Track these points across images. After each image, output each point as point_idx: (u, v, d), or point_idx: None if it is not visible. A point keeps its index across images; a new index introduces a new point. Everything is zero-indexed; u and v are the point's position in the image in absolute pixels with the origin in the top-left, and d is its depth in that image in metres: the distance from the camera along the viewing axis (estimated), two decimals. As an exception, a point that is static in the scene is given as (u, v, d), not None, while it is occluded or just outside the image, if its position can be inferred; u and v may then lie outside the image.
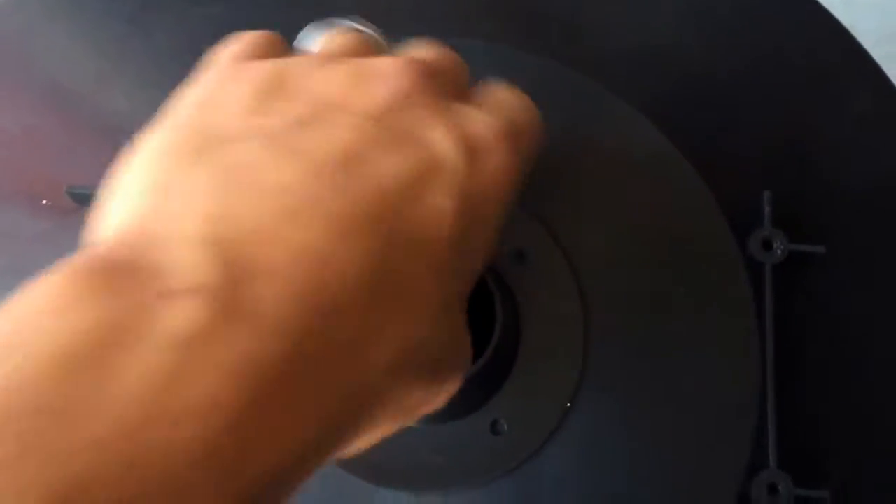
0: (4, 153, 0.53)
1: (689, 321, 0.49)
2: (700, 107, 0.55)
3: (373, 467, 0.45)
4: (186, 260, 0.24)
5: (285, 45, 0.36)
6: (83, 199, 0.50)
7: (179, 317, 0.22)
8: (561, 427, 0.47)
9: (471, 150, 0.30)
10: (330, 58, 0.33)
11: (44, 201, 0.51)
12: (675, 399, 0.48)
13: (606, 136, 0.51)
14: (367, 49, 0.35)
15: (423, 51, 0.34)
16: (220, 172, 0.27)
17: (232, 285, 0.23)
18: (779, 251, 0.51)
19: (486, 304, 0.45)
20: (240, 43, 0.34)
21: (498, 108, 0.33)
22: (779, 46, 0.57)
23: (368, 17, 0.40)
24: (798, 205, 0.53)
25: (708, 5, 0.57)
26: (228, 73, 0.32)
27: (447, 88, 0.33)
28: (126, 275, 0.23)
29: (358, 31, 0.36)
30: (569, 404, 0.47)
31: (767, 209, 0.51)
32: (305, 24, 0.54)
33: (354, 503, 0.45)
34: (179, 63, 0.55)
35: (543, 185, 0.50)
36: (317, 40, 0.36)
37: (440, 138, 0.29)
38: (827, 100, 0.57)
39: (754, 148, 0.55)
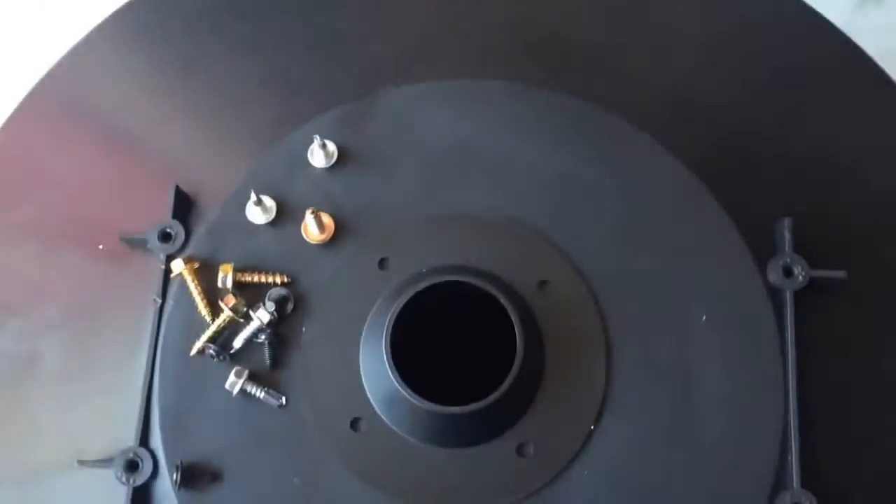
0: (62, 200, 0.58)
1: (712, 347, 0.50)
2: (718, 134, 0.56)
3: (402, 489, 0.48)
4: None
5: None
6: (136, 243, 0.54)
7: None
8: (585, 449, 0.48)
9: None
10: None
11: (100, 246, 0.55)
12: (697, 422, 0.49)
13: (626, 166, 0.53)
14: None
15: None
16: None
17: None
18: (800, 277, 0.51)
19: (510, 331, 0.47)
20: None
21: None
22: (799, 72, 0.59)
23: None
24: (818, 230, 0.54)
25: (727, 34, 0.59)
26: None
27: None
28: None
29: None
30: (592, 427, 0.49)
31: (787, 236, 0.52)
32: (335, 71, 0.58)
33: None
34: (224, 110, 0.60)
35: (560, 213, 0.52)
36: None
37: None
38: (847, 124, 0.58)
39: (774, 174, 0.56)
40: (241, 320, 0.50)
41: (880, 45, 0.62)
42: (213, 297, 0.51)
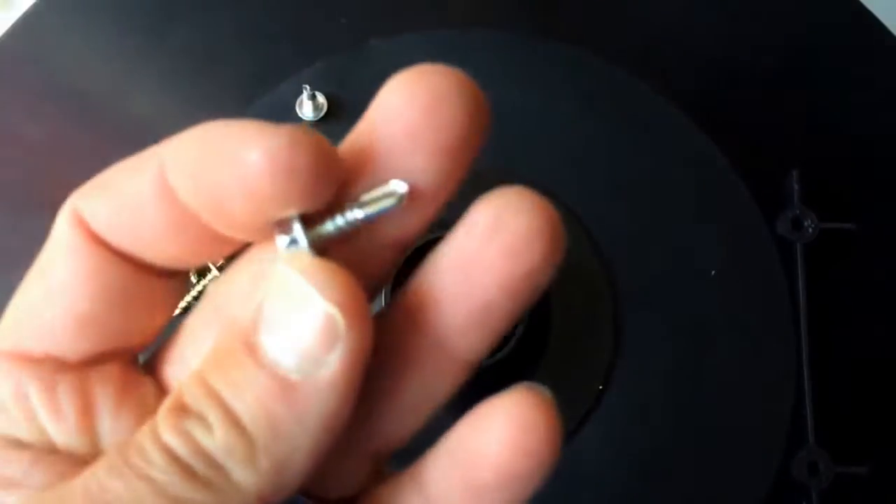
0: (31, 163, 0.54)
1: (722, 303, 0.49)
2: (723, 86, 0.54)
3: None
4: None
5: None
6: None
7: None
8: (595, 409, 0.46)
9: None
10: None
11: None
12: (709, 379, 0.47)
13: (627, 119, 0.51)
14: None
15: None
16: None
17: None
18: (809, 230, 0.50)
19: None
20: None
21: None
22: (802, 23, 0.57)
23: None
24: (827, 181, 0.52)
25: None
26: None
27: None
28: None
29: None
30: (601, 386, 0.47)
31: (796, 188, 0.51)
32: (316, 24, 0.55)
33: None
34: (194, 68, 0.57)
35: (563, 168, 0.50)
36: None
37: None
38: (852, 75, 0.56)
39: (780, 126, 0.54)
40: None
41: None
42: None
